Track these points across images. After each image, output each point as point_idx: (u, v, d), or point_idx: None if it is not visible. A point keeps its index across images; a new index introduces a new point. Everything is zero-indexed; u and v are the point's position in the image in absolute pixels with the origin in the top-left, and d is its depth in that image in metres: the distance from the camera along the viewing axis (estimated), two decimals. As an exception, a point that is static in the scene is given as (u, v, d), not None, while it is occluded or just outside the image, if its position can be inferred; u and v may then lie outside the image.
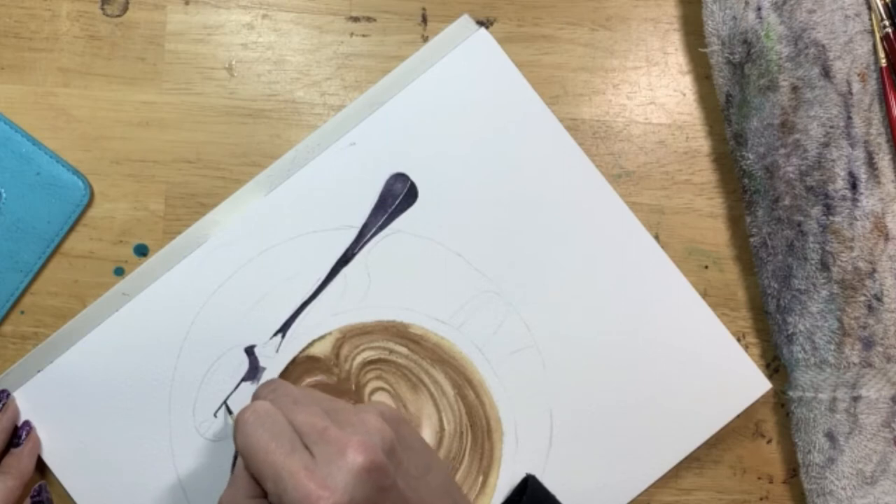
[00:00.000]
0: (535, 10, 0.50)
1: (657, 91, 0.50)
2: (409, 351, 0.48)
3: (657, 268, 0.48)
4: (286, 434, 0.37)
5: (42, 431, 0.47)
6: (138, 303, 0.47)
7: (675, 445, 0.48)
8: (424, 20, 0.50)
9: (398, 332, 0.48)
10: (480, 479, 0.48)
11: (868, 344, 0.47)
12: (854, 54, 0.48)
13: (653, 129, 0.50)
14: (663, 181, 0.50)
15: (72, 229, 0.49)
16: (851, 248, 0.47)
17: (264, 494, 0.38)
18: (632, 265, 0.48)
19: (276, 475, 0.35)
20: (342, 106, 0.49)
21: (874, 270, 0.47)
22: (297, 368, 0.48)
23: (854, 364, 0.47)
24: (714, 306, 0.49)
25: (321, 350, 0.48)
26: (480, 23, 0.49)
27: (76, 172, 0.48)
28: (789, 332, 0.48)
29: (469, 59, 0.49)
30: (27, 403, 0.47)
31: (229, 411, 0.47)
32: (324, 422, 0.37)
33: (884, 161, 0.48)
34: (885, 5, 0.48)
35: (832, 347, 0.47)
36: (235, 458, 0.47)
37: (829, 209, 0.47)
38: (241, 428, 0.37)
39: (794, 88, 0.47)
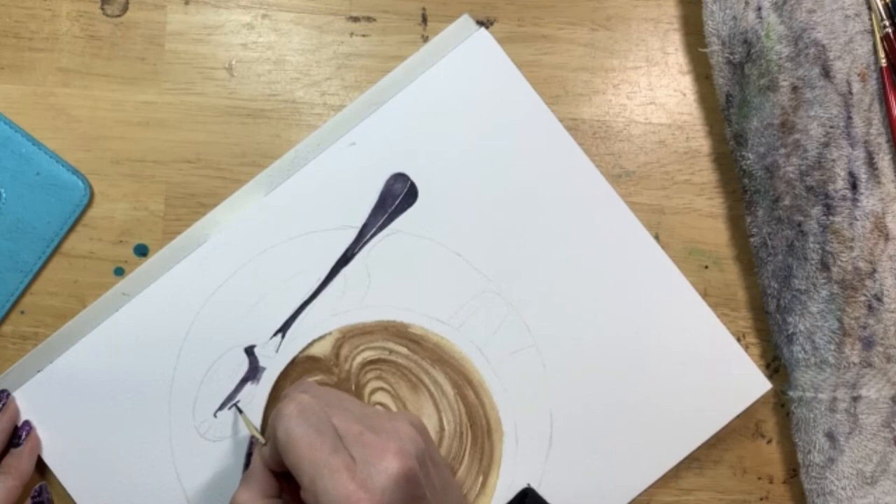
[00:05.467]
0: (535, 10, 0.50)
1: (657, 91, 0.50)
2: (408, 351, 0.48)
3: (657, 268, 0.48)
4: (330, 432, 0.37)
5: (42, 431, 0.47)
6: (138, 303, 0.47)
7: (675, 445, 0.48)
8: (424, 20, 0.50)
9: (398, 332, 0.48)
10: (480, 479, 0.48)
11: (868, 344, 0.47)
12: (854, 54, 0.48)
13: (653, 129, 0.50)
14: (663, 181, 0.50)
15: (72, 229, 0.49)
16: (851, 248, 0.47)
17: (279, 494, 0.39)
18: (632, 265, 0.48)
19: (316, 471, 0.35)
20: (342, 106, 0.49)
21: (874, 270, 0.47)
22: (297, 368, 0.48)
23: (854, 364, 0.47)
24: (714, 306, 0.49)
25: (321, 350, 0.48)
26: (480, 23, 0.49)
27: (76, 172, 0.48)
28: (789, 332, 0.48)
29: (469, 59, 0.49)
30: (27, 403, 0.47)
31: (240, 411, 0.47)
32: (359, 426, 0.37)
33: (884, 161, 0.48)
34: (886, 5, 0.48)
35: (832, 347, 0.47)
36: (248, 456, 0.47)
37: (829, 209, 0.47)
38: (284, 421, 0.37)
39: (794, 88, 0.47)
